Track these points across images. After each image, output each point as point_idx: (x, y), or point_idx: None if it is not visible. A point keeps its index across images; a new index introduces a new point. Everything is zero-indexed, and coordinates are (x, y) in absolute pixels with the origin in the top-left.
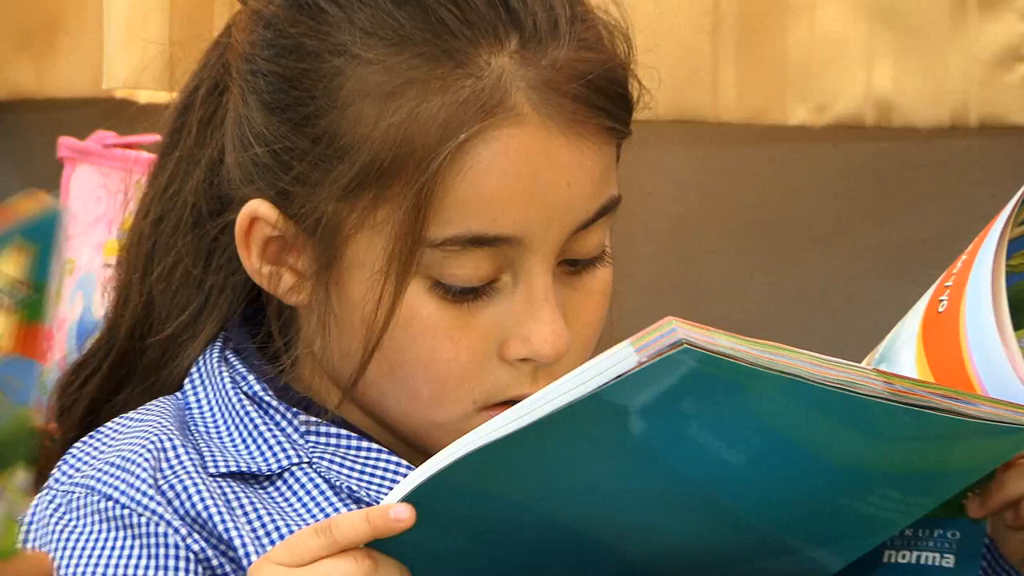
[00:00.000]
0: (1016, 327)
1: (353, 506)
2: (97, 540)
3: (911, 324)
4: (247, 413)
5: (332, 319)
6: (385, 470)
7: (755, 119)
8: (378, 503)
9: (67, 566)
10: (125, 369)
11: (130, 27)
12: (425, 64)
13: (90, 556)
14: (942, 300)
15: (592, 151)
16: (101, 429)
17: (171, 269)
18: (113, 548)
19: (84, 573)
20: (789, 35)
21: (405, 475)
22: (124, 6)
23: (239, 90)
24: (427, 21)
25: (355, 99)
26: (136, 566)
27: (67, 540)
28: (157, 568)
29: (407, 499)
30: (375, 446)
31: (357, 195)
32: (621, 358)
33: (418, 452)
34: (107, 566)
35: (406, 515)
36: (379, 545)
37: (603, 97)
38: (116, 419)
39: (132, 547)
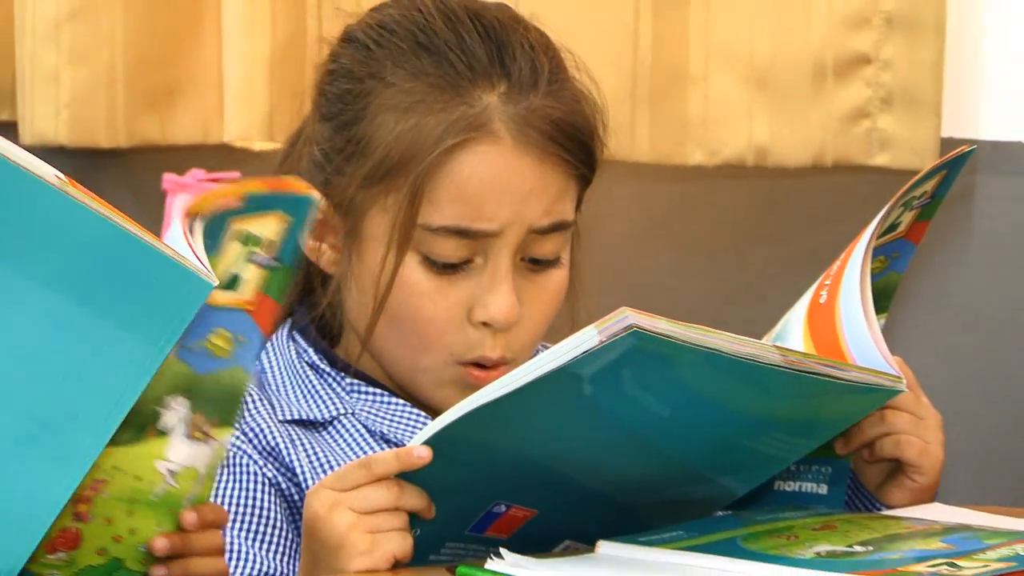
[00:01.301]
0: (877, 312)
1: (385, 446)
2: None
3: (799, 311)
4: (307, 376)
5: (353, 279)
6: (409, 418)
7: (663, 160)
8: (404, 444)
9: None
10: None
11: (240, 93)
12: (434, 91)
13: None
14: (822, 294)
15: (551, 175)
16: None
17: None
18: None
19: None
20: (689, 97)
21: (423, 424)
22: (236, 79)
23: (313, 108)
24: (440, 63)
25: (380, 112)
26: (224, 487)
27: None
28: (241, 489)
29: (426, 443)
30: (402, 401)
31: (373, 183)
32: (586, 338)
33: (428, 408)
34: None
35: (426, 454)
36: (405, 477)
37: (565, 138)
38: None
39: (221, 473)
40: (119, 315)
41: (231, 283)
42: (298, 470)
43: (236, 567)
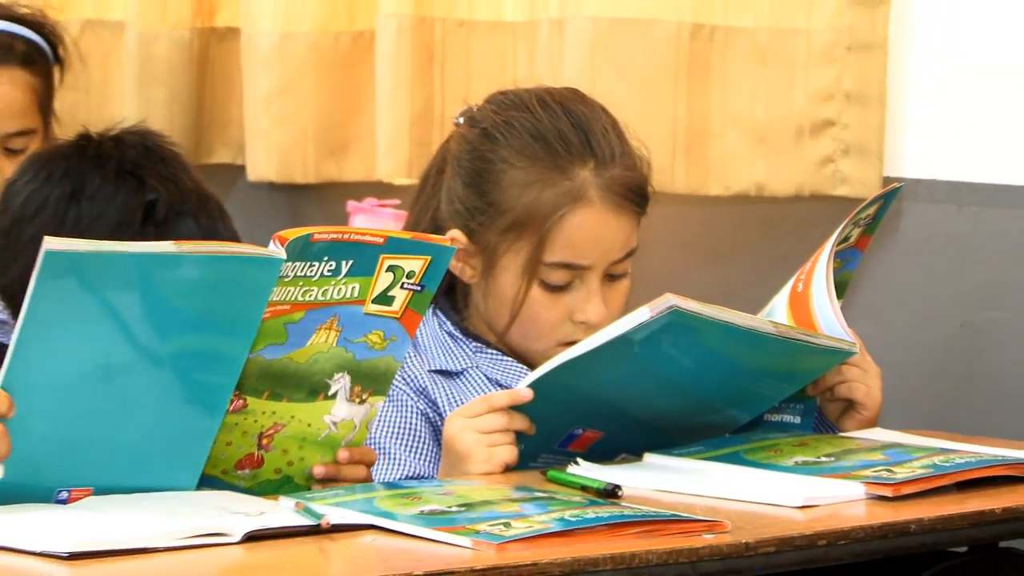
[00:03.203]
0: (837, 297)
1: (499, 389)
2: None
3: (783, 296)
4: (446, 340)
5: (490, 295)
6: (516, 371)
7: (693, 192)
8: (512, 388)
9: None
10: None
11: (389, 145)
12: (546, 171)
13: None
14: (799, 284)
15: (626, 223)
16: None
17: None
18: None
19: None
20: (711, 148)
21: (525, 374)
22: (386, 136)
23: (450, 173)
24: (548, 150)
25: (509, 187)
26: (390, 415)
27: None
28: (401, 417)
29: (529, 386)
30: (510, 359)
31: (507, 234)
32: (641, 315)
33: (530, 365)
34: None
35: (528, 394)
36: (513, 409)
37: (634, 195)
38: None
39: (388, 408)
40: (228, 310)
41: (385, 300)
42: (439, 404)
43: (396, 469)
